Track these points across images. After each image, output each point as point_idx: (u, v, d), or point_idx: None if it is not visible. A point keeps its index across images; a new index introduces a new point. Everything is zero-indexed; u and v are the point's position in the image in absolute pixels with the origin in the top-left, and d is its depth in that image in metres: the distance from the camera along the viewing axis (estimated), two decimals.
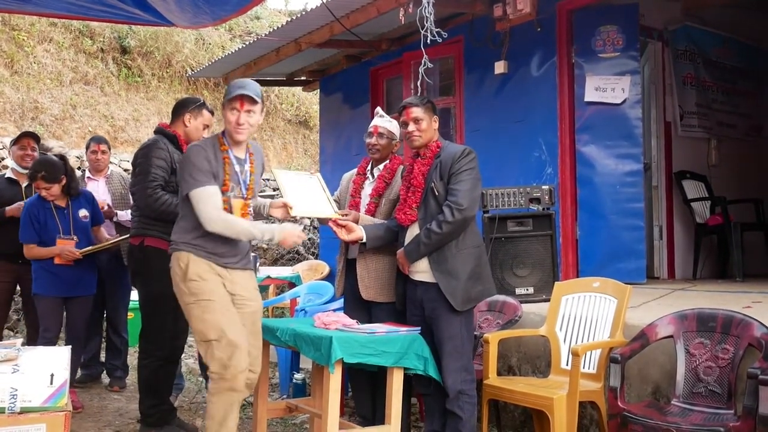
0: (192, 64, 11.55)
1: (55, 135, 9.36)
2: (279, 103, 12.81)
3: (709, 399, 3.01)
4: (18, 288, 5.02)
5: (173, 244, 3.25)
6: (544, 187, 4.79)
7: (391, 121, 3.87)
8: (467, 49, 6.37)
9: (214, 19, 4.29)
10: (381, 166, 3.86)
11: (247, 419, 4.15)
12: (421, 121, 3.48)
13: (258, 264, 6.78)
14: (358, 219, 3.68)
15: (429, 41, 4.76)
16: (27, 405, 2.70)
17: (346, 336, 3.17)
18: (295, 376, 4.76)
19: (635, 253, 5.39)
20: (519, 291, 4.59)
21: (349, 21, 6.12)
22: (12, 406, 2.69)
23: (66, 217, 4.54)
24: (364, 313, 3.73)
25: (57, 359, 2.82)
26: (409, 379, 3.42)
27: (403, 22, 5.48)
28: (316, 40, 6.72)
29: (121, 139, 10.23)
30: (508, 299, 4.23)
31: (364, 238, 3.56)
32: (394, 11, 5.50)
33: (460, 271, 3.36)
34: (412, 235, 3.47)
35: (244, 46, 7.58)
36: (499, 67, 5.98)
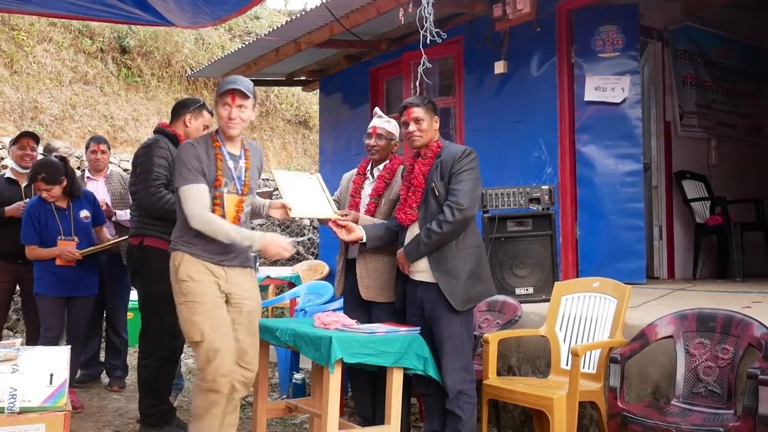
0: (192, 64, 11.53)
1: (54, 135, 9.34)
2: (278, 103, 12.79)
3: (709, 399, 3.01)
4: (18, 288, 5.02)
5: (172, 243, 3.27)
6: (543, 187, 4.79)
7: (389, 121, 3.86)
8: (467, 49, 6.36)
9: (213, 19, 4.30)
10: (381, 166, 3.85)
11: (247, 419, 4.15)
12: (422, 121, 3.48)
13: (258, 264, 6.77)
14: (358, 219, 3.68)
15: (429, 41, 4.77)
16: (26, 405, 2.70)
17: (345, 336, 3.17)
18: (294, 376, 4.76)
19: (635, 253, 5.38)
20: (519, 291, 4.59)
21: (349, 21, 6.12)
22: (11, 405, 2.68)
23: (67, 218, 4.55)
24: (364, 313, 3.72)
25: (56, 359, 2.81)
26: (409, 379, 3.42)
27: (402, 22, 5.48)
28: (315, 40, 6.71)
29: (120, 139, 10.22)
30: (508, 299, 4.23)
31: (364, 238, 3.56)
32: (393, 11, 5.50)
33: (460, 271, 3.36)
34: (412, 234, 3.47)
35: (244, 46, 7.57)
36: (499, 67, 5.98)
